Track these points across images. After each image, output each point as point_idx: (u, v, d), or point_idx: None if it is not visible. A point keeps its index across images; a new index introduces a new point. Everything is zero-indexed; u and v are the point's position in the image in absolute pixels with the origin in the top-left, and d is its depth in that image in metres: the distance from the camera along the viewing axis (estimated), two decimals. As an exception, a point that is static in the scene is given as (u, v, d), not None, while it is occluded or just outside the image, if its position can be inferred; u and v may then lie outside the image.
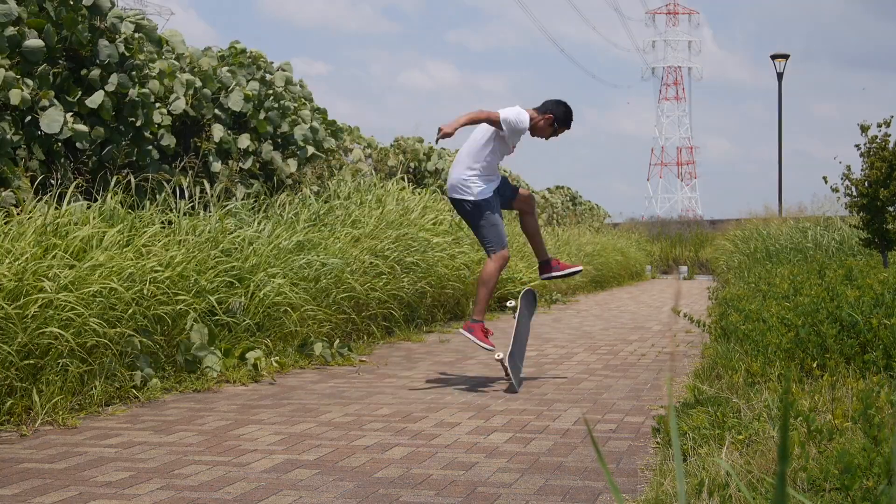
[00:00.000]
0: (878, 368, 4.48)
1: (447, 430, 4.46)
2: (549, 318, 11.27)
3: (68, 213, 5.76)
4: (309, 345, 6.77)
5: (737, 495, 2.80)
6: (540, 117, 5.89)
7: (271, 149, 9.39)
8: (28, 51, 6.60)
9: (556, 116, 5.91)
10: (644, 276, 24.07)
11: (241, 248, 6.88)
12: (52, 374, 4.71)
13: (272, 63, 10.23)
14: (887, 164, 9.12)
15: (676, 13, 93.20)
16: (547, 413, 4.90)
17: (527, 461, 3.82)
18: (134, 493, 3.34)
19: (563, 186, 27.70)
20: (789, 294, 6.42)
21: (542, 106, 5.97)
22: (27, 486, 3.44)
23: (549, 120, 5.90)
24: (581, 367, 6.76)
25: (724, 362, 4.95)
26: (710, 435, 3.59)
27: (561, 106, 5.96)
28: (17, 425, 4.43)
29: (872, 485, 2.58)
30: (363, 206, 9.55)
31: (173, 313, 5.68)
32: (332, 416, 4.82)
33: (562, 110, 5.94)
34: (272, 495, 3.31)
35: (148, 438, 4.25)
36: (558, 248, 16.01)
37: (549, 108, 5.93)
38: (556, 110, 5.92)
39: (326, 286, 7.42)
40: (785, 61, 22.79)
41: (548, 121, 5.90)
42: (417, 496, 3.30)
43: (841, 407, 3.32)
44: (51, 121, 6.58)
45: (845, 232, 14.08)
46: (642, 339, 8.79)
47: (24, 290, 4.80)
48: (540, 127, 5.91)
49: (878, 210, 9.24)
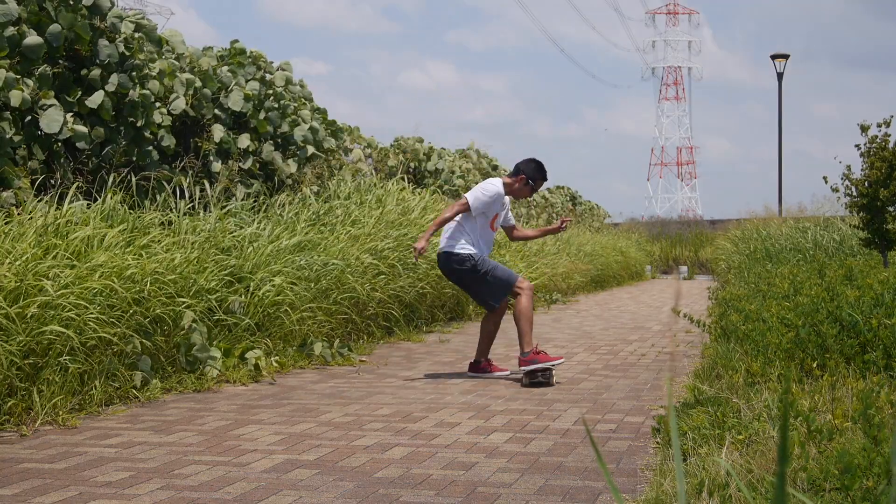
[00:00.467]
0: (878, 368, 4.48)
1: (447, 430, 4.46)
2: (549, 318, 11.26)
3: (69, 214, 5.76)
4: (309, 345, 6.77)
5: (737, 495, 2.80)
6: (513, 181, 6.26)
7: (272, 149, 9.39)
8: (28, 48, 6.60)
9: (527, 175, 6.24)
10: (644, 276, 24.07)
11: (240, 248, 6.89)
12: (53, 373, 4.71)
13: (272, 63, 10.23)
14: (887, 164, 9.12)
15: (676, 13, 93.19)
16: (547, 413, 4.90)
17: (527, 461, 3.82)
18: (134, 493, 3.34)
19: (563, 186, 27.70)
20: (789, 294, 6.42)
21: (514, 170, 6.33)
22: (27, 486, 3.44)
23: (523, 180, 6.24)
24: (581, 367, 6.76)
25: (724, 362, 4.95)
26: (710, 435, 3.59)
27: (530, 163, 6.29)
28: (17, 425, 4.43)
29: (872, 485, 2.58)
30: (363, 206, 9.55)
31: (173, 314, 5.68)
32: (332, 416, 4.82)
33: (531, 167, 6.27)
34: (272, 495, 3.31)
35: (148, 438, 4.25)
36: (558, 249, 16.02)
37: (519, 170, 6.28)
38: (526, 169, 6.26)
39: (326, 286, 7.42)
40: (785, 61, 22.79)
41: (521, 181, 6.25)
42: (417, 496, 3.30)
43: (841, 407, 3.32)
44: (51, 121, 6.58)
45: (845, 232, 14.08)
46: (642, 339, 8.79)
47: (24, 290, 4.80)
48: (517, 189, 6.26)
49: (878, 210, 9.24)
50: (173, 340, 5.71)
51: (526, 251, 13.74)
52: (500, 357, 7.21)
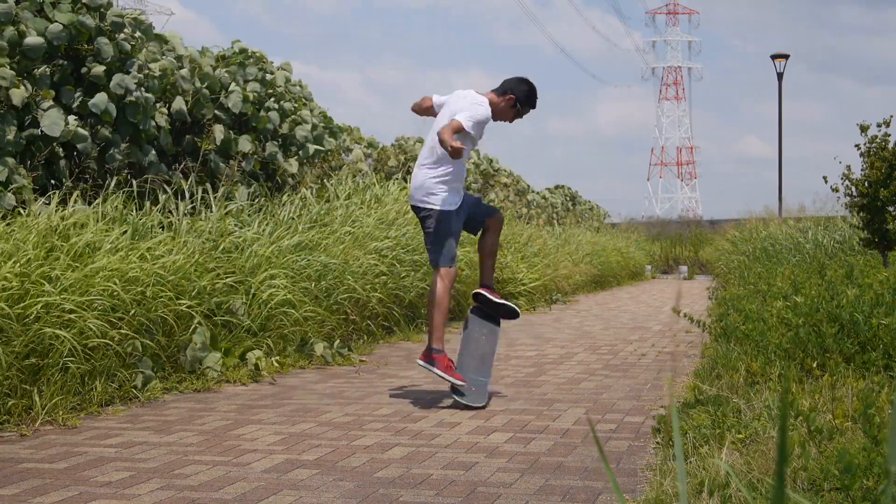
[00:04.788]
0: (878, 368, 4.48)
1: (447, 430, 4.46)
2: (549, 318, 11.26)
3: (71, 216, 5.76)
4: (309, 345, 6.77)
5: (737, 495, 2.80)
6: (500, 100, 5.27)
7: (275, 149, 9.40)
8: (28, 48, 6.60)
9: (517, 97, 5.28)
10: (644, 276, 24.07)
11: (241, 249, 6.89)
12: (53, 374, 4.71)
13: (272, 62, 10.23)
14: (887, 164, 9.12)
15: (676, 13, 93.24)
16: (547, 413, 4.90)
17: (527, 461, 3.82)
18: (134, 493, 3.34)
19: (562, 186, 27.72)
20: (788, 294, 6.42)
21: (501, 86, 5.34)
22: (27, 486, 3.44)
23: (511, 101, 5.28)
24: (581, 367, 6.76)
25: (724, 362, 4.95)
26: (710, 435, 3.59)
27: (522, 84, 5.32)
28: (18, 425, 4.43)
29: (872, 485, 2.58)
30: (363, 206, 9.56)
31: (174, 315, 5.68)
32: (332, 416, 4.83)
33: (523, 89, 5.30)
34: (272, 495, 3.31)
35: (148, 438, 4.25)
36: (558, 248, 16.02)
37: (509, 88, 5.30)
38: (518, 89, 5.29)
39: (327, 286, 7.42)
40: (785, 61, 22.78)
41: (509, 102, 5.28)
42: (417, 496, 3.30)
43: (841, 407, 3.32)
44: (52, 122, 6.58)
45: (846, 232, 14.07)
46: (642, 339, 8.79)
47: (26, 291, 4.80)
48: (501, 110, 5.29)
49: (878, 210, 9.24)
50: (174, 341, 5.71)
51: (526, 251, 13.74)
52: (500, 357, 7.21)
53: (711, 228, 32.37)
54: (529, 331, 9.57)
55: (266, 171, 9.52)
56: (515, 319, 5.66)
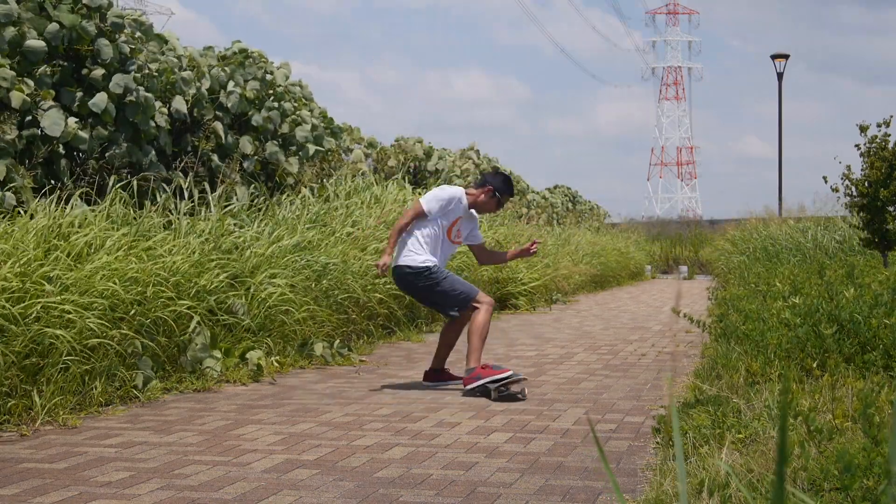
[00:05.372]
0: (877, 369, 4.48)
1: (447, 430, 4.47)
2: (549, 318, 11.27)
3: (71, 216, 5.76)
4: (309, 345, 6.77)
5: (737, 495, 2.80)
6: (479, 191, 5.85)
7: (276, 149, 9.40)
8: (29, 50, 6.60)
9: (494, 187, 5.85)
10: (644, 276, 24.06)
11: (241, 249, 6.89)
12: (53, 374, 4.71)
13: (272, 62, 10.23)
14: (887, 164, 9.12)
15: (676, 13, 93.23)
16: (547, 413, 4.90)
17: (527, 461, 3.82)
18: (134, 492, 3.34)
19: (562, 186, 27.73)
20: (787, 294, 6.42)
21: (480, 181, 5.97)
22: (27, 486, 3.44)
23: (490, 192, 5.84)
24: (581, 367, 6.76)
25: (724, 362, 4.95)
26: (710, 435, 3.59)
27: (497, 176, 5.95)
28: (18, 425, 4.44)
29: (872, 485, 2.58)
30: (362, 205, 9.56)
31: (174, 315, 5.68)
32: (332, 416, 4.83)
33: (499, 180, 5.91)
34: (272, 495, 3.31)
35: (148, 438, 4.25)
36: (558, 248, 16.02)
37: (486, 181, 5.91)
38: (494, 181, 5.89)
39: (327, 287, 7.42)
40: (785, 61, 22.78)
41: (488, 193, 5.84)
42: (417, 496, 3.30)
43: (841, 407, 3.32)
44: (52, 122, 6.58)
45: (845, 232, 14.08)
46: (642, 339, 8.79)
47: (26, 291, 4.80)
48: (483, 202, 5.86)
49: (878, 210, 9.24)
50: (174, 341, 5.71)
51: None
52: (500, 357, 7.21)
53: (711, 228, 32.35)
54: (529, 331, 9.58)
55: (266, 170, 9.52)
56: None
